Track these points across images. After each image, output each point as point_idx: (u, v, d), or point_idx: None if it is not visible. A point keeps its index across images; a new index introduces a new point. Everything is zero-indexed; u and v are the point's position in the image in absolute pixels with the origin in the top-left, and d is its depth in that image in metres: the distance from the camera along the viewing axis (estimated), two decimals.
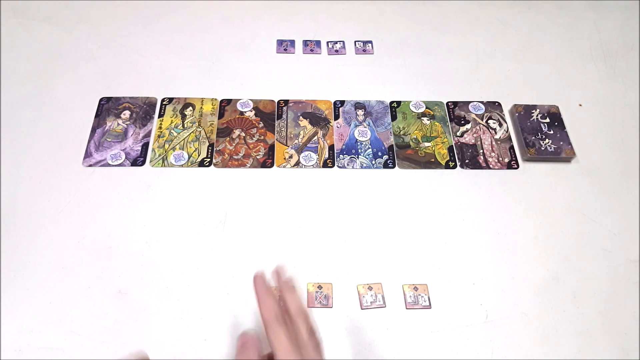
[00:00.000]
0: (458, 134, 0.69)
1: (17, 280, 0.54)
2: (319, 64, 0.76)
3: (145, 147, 0.65)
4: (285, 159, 0.65)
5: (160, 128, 0.67)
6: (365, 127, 0.69)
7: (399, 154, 0.66)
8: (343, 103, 0.71)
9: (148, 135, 0.67)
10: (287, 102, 0.71)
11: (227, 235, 0.58)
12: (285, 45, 0.78)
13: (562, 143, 0.67)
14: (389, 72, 0.75)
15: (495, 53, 0.79)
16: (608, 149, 0.68)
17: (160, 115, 0.69)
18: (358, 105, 0.71)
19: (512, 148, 0.67)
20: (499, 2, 0.86)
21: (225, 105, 0.70)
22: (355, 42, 0.79)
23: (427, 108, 0.71)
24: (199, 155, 0.65)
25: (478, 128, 0.69)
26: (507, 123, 0.70)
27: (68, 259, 0.56)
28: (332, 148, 0.66)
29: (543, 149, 0.66)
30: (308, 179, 0.63)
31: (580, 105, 0.73)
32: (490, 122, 0.70)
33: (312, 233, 0.59)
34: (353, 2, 0.85)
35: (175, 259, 0.56)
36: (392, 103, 0.72)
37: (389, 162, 0.65)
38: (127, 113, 0.69)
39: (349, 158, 0.66)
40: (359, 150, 0.66)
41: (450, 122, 0.70)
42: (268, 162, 0.65)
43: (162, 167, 0.64)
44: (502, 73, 0.76)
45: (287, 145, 0.67)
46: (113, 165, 0.63)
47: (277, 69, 0.75)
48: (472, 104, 0.72)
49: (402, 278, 0.56)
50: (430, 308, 0.54)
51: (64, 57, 0.74)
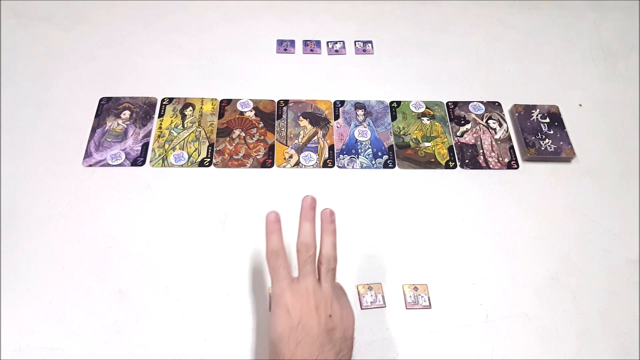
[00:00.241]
0: (458, 134, 0.69)
1: (17, 280, 0.54)
2: (319, 64, 0.76)
3: (145, 147, 0.65)
4: (285, 159, 0.65)
5: (160, 128, 0.67)
6: (365, 127, 0.69)
7: (399, 154, 0.66)
8: (343, 103, 0.71)
9: (148, 135, 0.67)
10: (287, 102, 0.71)
11: (227, 235, 0.58)
12: (285, 45, 0.78)
13: (562, 143, 0.67)
14: (389, 72, 0.75)
15: (495, 53, 0.79)
16: (608, 149, 0.68)
17: (160, 115, 0.69)
18: (358, 105, 0.71)
19: (512, 148, 0.67)
20: (499, 2, 0.86)
21: (225, 105, 0.70)
22: (355, 42, 0.79)
23: (427, 108, 0.71)
24: (199, 155, 0.65)
25: (478, 128, 0.69)
26: (507, 123, 0.70)
27: (68, 259, 0.56)
28: (332, 148, 0.66)
29: (543, 149, 0.66)
30: (308, 179, 0.63)
31: (580, 105, 0.73)
32: (490, 122, 0.70)
33: None
34: (353, 2, 0.85)
35: (175, 259, 0.56)
36: (392, 103, 0.72)
37: (389, 162, 0.65)
38: (127, 113, 0.69)
39: (349, 158, 0.66)
40: (359, 150, 0.66)
41: (450, 122, 0.70)
42: (268, 162, 0.65)
43: (162, 167, 0.64)
44: (502, 73, 0.76)
45: (287, 145, 0.66)
46: (113, 165, 0.63)
47: (277, 69, 0.75)
48: (472, 104, 0.72)
49: (402, 278, 0.56)
50: (430, 308, 0.54)
51: (64, 57, 0.74)
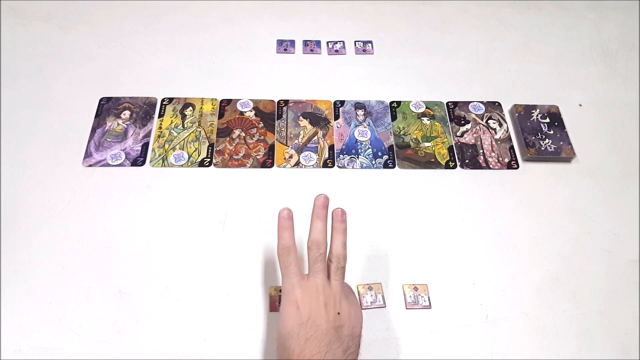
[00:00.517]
0: (458, 134, 0.69)
1: (17, 280, 0.54)
2: (319, 64, 0.76)
3: (145, 147, 0.65)
4: (285, 159, 0.65)
5: (160, 128, 0.67)
6: (365, 127, 0.69)
7: (399, 154, 0.66)
8: (343, 103, 0.71)
9: (148, 135, 0.67)
10: (287, 102, 0.71)
11: (227, 235, 0.58)
12: (285, 45, 0.78)
13: (562, 143, 0.67)
14: (389, 72, 0.75)
15: (495, 53, 0.79)
16: (608, 149, 0.68)
17: (160, 115, 0.69)
18: (358, 105, 0.71)
19: (512, 148, 0.67)
20: (499, 2, 0.86)
21: (225, 105, 0.70)
22: (355, 42, 0.79)
23: (427, 108, 0.71)
24: (199, 155, 0.65)
25: (478, 128, 0.69)
26: (507, 123, 0.70)
27: (68, 259, 0.56)
28: (332, 148, 0.66)
29: (543, 149, 0.66)
30: (308, 179, 0.63)
31: (580, 105, 0.73)
32: (490, 122, 0.70)
33: None
34: (353, 2, 0.85)
35: (175, 259, 0.56)
36: (392, 103, 0.72)
37: (389, 162, 0.65)
38: (127, 113, 0.69)
39: (349, 158, 0.66)
40: (359, 150, 0.66)
41: (450, 122, 0.70)
42: (268, 162, 0.65)
43: (162, 167, 0.64)
44: (502, 73, 0.76)
45: (287, 145, 0.66)
46: (113, 165, 0.63)
47: (277, 69, 0.75)
48: (472, 104, 0.72)
49: (402, 278, 0.56)
50: (430, 308, 0.54)
51: (64, 57, 0.74)
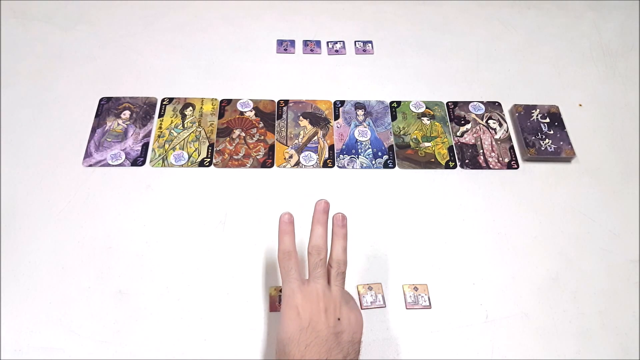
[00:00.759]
0: (458, 134, 0.69)
1: (17, 280, 0.54)
2: (319, 64, 0.76)
3: (145, 147, 0.65)
4: (285, 159, 0.65)
5: (160, 128, 0.67)
6: (365, 127, 0.69)
7: (399, 154, 0.66)
8: (343, 103, 0.71)
9: (148, 135, 0.67)
10: (287, 102, 0.71)
11: (227, 235, 0.58)
12: (285, 45, 0.78)
13: (562, 143, 0.67)
14: (389, 72, 0.75)
15: (495, 53, 0.79)
16: (608, 149, 0.68)
17: (160, 115, 0.69)
18: (358, 105, 0.71)
19: (512, 148, 0.67)
20: (499, 2, 0.86)
21: (225, 105, 0.70)
22: (355, 42, 0.79)
23: (427, 108, 0.71)
24: (199, 155, 0.65)
25: (478, 128, 0.69)
26: (507, 123, 0.70)
27: (68, 259, 0.56)
28: (332, 148, 0.66)
29: (543, 149, 0.66)
30: (308, 179, 0.63)
31: (580, 105, 0.73)
32: (490, 122, 0.70)
33: None
34: (353, 2, 0.85)
35: (175, 259, 0.56)
36: (392, 103, 0.72)
37: (389, 162, 0.65)
38: (127, 113, 0.69)
39: (349, 158, 0.66)
40: (359, 150, 0.66)
41: (450, 122, 0.70)
42: (268, 162, 0.65)
43: (162, 167, 0.64)
44: (502, 73, 0.76)
45: (287, 145, 0.66)
46: (113, 165, 0.63)
47: (277, 69, 0.75)
48: (472, 104, 0.72)
49: (402, 278, 0.56)
50: (430, 308, 0.54)
51: (64, 57, 0.74)
